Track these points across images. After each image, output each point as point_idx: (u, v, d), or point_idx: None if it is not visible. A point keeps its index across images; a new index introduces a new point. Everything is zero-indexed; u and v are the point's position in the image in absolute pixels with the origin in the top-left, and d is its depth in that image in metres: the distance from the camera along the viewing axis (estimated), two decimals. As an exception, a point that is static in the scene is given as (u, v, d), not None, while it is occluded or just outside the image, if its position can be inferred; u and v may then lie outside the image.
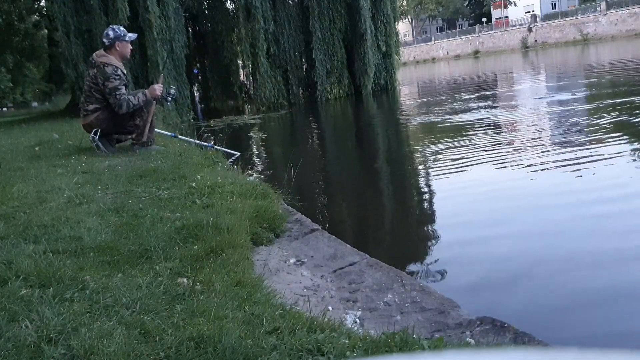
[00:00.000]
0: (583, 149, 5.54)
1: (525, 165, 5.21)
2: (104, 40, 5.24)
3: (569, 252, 3.05)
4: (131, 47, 5.42)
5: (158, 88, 5.33)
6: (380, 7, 17.71)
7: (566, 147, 5.82)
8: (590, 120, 7.18)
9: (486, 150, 6.16)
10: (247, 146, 9.67)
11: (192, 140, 6.25)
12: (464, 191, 4.65)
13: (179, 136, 6.48)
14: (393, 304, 2.15)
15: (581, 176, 4.53)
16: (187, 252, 2.33)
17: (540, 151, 5.81)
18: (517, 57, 37.57)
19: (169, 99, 5.58)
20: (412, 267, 3.09)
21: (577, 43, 43.22)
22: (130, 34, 5.35)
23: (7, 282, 1.94)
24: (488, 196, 4.38)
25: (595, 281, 2.67)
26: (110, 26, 5.52)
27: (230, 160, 5.75)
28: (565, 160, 5.18)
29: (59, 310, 1.70)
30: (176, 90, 7.69)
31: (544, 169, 4.95)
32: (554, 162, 5.23)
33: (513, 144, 6.53)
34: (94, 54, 5.31)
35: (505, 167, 5.27)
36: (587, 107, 8.42)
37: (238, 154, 6.07)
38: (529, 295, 2.59)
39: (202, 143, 6.21)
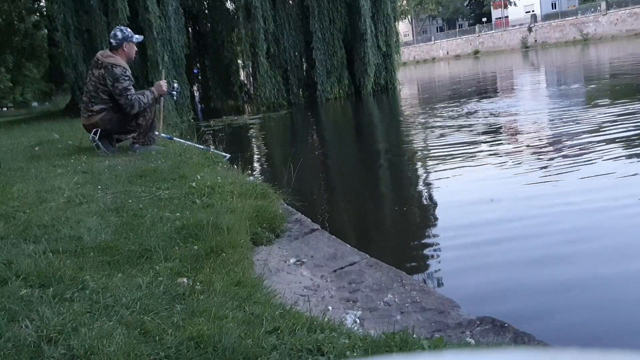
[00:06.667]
0: (583, 151, 5.53)
1: (527, 167, 5.21)
2: (112, 40, 5.22)
3: (569, 252, 3.05)
4: (136, 49, 5.42)
5: (164, 84, 5.34)
6: (380, 7, 17.70)
7: (567, 148, 5.82)
8: (592, 122, 7.18)
9: (487, 152, 6.17)
10: (247, 146, 9.66)
11: (186, 142, 6.24)
12: (465, 191, 4.64)
13: (175, 138, 6.48)
14: (393, 303, 2.15)
15: (582, 177, 4.53)
16: (187, 252, 2.33)
17: (541, 152, 5.81)
18: (517, 57, 37.56)
19: (174, 93, 5.60)
20: (412, 267, 3.09)
21: (577, 43, 43.20)
22: (137, 36, 5.34)
23: (7, 282, 1.94)
24: (488, 197, 4.37)
25: (596, 281, 2.67)
26: (118, 27, 5.50)
27: None
28: (567, 161, 5.18)
29: (59, 310, 1.70)
30: (179, 84, 7.72)
31: (546, 171, 4.95)
32: (555, 163, 5.22)
33: (515, 146, 6.53)
34: (98, 54, 5.28)
35: (506, 168, 5.27)
36: (587, 106, 8.41)
37: (228, 155, 6.06)
38: (529, 295, 2.59)
39: (197, 146, 6.21)
